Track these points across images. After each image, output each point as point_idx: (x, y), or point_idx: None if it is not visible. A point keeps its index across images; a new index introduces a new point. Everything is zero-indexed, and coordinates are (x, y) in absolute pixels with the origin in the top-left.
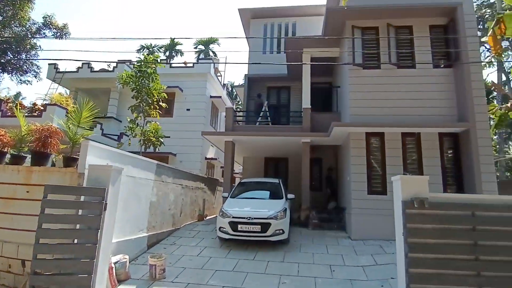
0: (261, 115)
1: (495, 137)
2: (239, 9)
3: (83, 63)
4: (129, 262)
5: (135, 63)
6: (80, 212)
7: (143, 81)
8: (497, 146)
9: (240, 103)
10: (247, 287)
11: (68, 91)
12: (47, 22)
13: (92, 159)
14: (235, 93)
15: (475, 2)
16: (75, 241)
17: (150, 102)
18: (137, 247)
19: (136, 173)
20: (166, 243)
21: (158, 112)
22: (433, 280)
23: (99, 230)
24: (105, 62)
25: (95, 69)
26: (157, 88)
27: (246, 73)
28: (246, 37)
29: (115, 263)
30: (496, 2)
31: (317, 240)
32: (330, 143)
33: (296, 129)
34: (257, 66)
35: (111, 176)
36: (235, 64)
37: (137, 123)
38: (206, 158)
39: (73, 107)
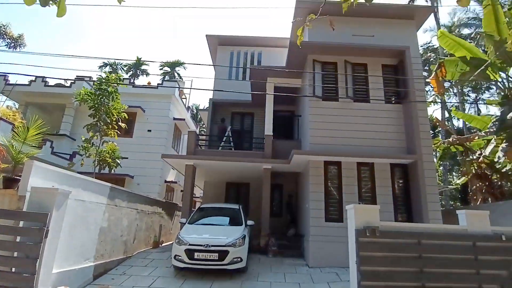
0: (224, 139)
1: (440, 168)
2: (206, 36)
3: (36, 77)
4: None
5: (96, 80)
6: (18, 238)
7: (102, 99)
8: (442, 177)
9: (204, 126)
10: None
11: (17, 105)
12: (1, 31)
13: (36, 181)
14: (199, 116)
15: (421, 46)
16: (13, 269)
17: (109, 121)
18: (82, 278)
19: (86, 196)
20: (116, 273)
21: (117, 132)
22: None
23: (38, 260)
24: (62, 79)
25: (50, 84)
26: (117, 108)
27: (211, 97)
28: (212, 65)
29: None
30: (439, 47)
31: (276, 268)
32: (290, 170)
33: (258, 155)
34: (222, 92)
35: (56, 200)
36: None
37: (93, 143)
38: (165, 181)
39: (21, 122)
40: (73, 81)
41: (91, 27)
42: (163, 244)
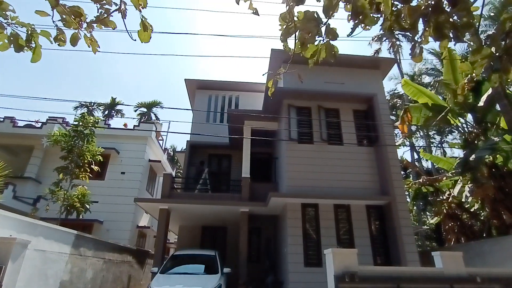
0: (200, 182)
1: (414, 208)
2: (185, 80)
3: (5, 117)
4: None
5: (71, 124)
6: None
7: (77, 141)
8: (417, 217)
9: (181, 168)
10: None
11: None
12: None
13: None
14: (176, 158)
15: (388, 92)
16: None
17: (81, 164)
18: None
19: (47, 246)
20: None
21: (88, 175)
22: None
23: None
24: (33, 121)
25: (18, 125)
26: (91, 150)
27: (189, 139)
28: (191, 109)
29: None
30: (403, 94)
31: None
32: (268, 213)
33: (235, 198)
34: (200, 134)
35: (12, 250)
36: (179, 129)
37: (61, 186)
38: (138, 227)
39: None
40: (44, 122)
41: (66, 69)
42: None
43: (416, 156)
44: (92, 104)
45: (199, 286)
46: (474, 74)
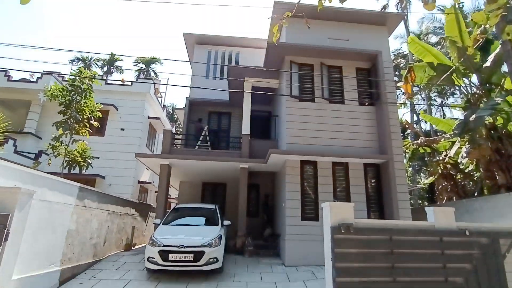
0: (200, 139)
1: (409, 169)
2: (184, 34)
3: None
4: None
5: (67, 75)
6: None
7: (74, 96)
8: (411, 177)
9: (180, 126)
10: None
11: None
12: None
13: None
14: (176, 116)
15: (392, 52)
16: None
17: (80, 119)
18: (46, 284)
19: (52, 197)
20: (84, 277)
21: (88, 130)
22: None
23: None
24: (28, 71)
25: (13, 78)
26: (90, 105)
27: (188, 96)
28: (189, 61)
29: None
30: (408, 54)
31: (252, 268)
32: (267, 169)
33: (235, 155)
34: (199, 90)
35: (18, 200)
36: (177, 87)
37: (62, 141)
38: (139, 182)
39: None
40: (39, 76)
41: (62, 20)
42: (136, 247)
43: (416, 118)
44: (90, 59)
45: (201, 236)
46: (488, 25)
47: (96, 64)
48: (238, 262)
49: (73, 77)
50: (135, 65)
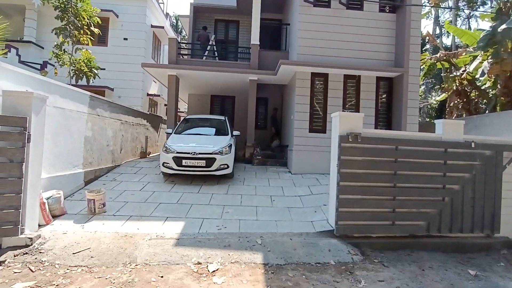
0: (208, 49)
1: (422, 86)
2: None
3: None
4: (64, 198)
5: None
6: None
7: None
8: (423, 95)
9: (185, 37)
10: (192, 217)
11: None
12: None
13: (6, 84)
14: (180, 27)
15: None
16: None
17: (79, 25)
18: (73, 183)
19: (65, 104)
20: (106, 179)
21: (90, 38)
22: (357, 204)
23: (24, 163)
24: None
25: None
26: (87, 10)
27: (192, 1)
28: None
29: (47, 198)
30: None
31: (260, 175)
32: (276, 82)
33: (244, 66)
34: None
35: (33, 104)
36: None
37: (65, 50)
38: (148, 94)
39: None
40: None
41: None
42: (150, 155)
43: (438, 31)
44: None
45: (212, 145)
46: None
47: None
48: (247, 170)
49: None
50: None
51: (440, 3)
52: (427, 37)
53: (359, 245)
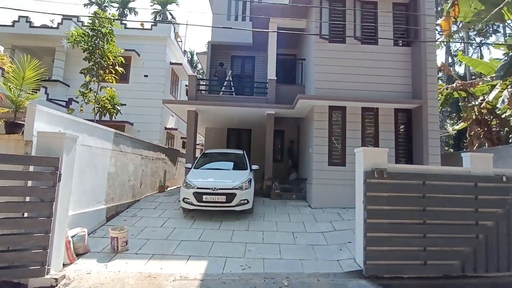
0: (225, 84)
1: (440, 114)
2: None
3: (19, 17)
4: (88, 235)
5: (87, 20)
6: (29, 183)
7: (96, 41)
8: (440, 123)
9: (202, 72)
10: (214, 256)
11: (2, 49)
12: None
13: (40, 125)
14: (195, 62)
15: None
16: (25, 214)
17: (105, 65)
18: (95, 219)
19: (92, 142)
20: (127, 215)
21: (114, 77)
22: (385, 242)
23: (54, 203)
24: (47, 13)
25: (35, 25)
26: (112, 51)
27: (210, 40)
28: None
29: (72, 236)
30: None
31: (280, 209)
32: (293, 115)
33: (261, 100)
34: (222, 33)
35: (65, 144)
36: (196, 32)
37: (90, 88)
38: (166, 128)
39: (11, 66)
40: (60, 21)
41: None
42: (168, 189)
43: (450, 60)
44: (103, 1)
45: (231, 180)
46: None
47: (111, 5)
48: (266, 204)
49: (92, 20)
50: (151, 5)
51: (453, 35)
52: (442, 68)
53: (390, 286)
